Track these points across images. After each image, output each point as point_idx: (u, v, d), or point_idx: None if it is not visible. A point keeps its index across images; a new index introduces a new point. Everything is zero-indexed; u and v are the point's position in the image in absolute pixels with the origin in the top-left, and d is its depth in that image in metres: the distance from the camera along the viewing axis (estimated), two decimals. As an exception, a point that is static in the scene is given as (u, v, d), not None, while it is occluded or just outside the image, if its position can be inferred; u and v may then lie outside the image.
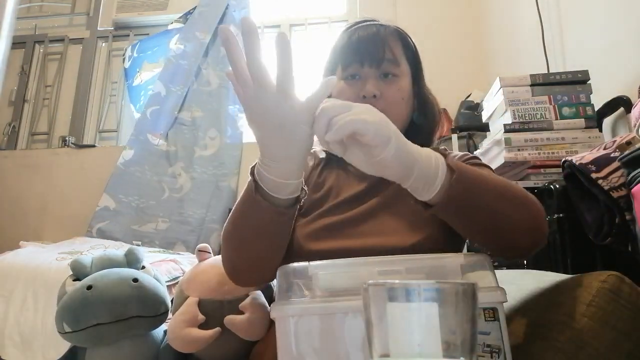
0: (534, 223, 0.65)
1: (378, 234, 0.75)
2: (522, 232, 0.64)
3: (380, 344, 0.35)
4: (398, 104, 0.84)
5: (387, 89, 0.83)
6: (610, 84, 1.31)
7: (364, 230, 0.76)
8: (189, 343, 0.80)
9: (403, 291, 0.35)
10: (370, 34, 0.84)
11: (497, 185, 0.63)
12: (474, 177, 0.60)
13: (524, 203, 0.64)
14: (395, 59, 0.84)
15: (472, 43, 2.56)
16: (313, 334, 0.53)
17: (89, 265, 0.93)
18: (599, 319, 0.54)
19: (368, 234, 0.76)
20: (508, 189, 0.64)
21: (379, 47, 0.82)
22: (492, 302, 0.53)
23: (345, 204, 0.81)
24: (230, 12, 2.77)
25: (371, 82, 0.83)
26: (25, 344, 1.52)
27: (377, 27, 0.85)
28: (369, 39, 0.83)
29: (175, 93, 2.58)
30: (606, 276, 0.56)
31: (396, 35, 0.87)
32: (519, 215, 0.63)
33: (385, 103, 0.82)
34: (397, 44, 0.86)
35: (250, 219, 0.68)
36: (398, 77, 0.84)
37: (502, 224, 0.63)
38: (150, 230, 2.35)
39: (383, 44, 0.83)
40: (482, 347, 0.51)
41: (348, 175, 0.87)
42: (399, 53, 0.86)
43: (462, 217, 0.63)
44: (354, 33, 0.86)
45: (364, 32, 0.85)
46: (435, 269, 0.57)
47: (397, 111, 0.84)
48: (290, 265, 0.58)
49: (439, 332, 0.34)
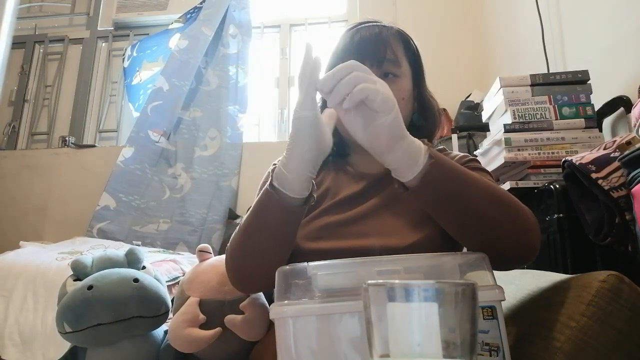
0: (522, 231, 0.64)
1: (376, 234, 0.75)
2: (509, 240, 0.64)
3: (380, 344, 0.35)
4: (397, 104, 0.85)
5: None
6: (610, 84, 1.31)
7: (362, 230, 0.76)
8: (190, 343, 0.80)
9: (403, 291, 0.35)
10: (373, 35, 0.84)
11: (481, 184, 0.64)
12: (452, 168, 0.62)
13: (515, 211, 0.64)
14: (397, 60, 0.84)
15: (472, 43, 2.56)
16: (312, 335, 0.53)
17: (89, 265, 0.93)
18: (598, 319, 0.54)
19: (366, 234, 0.76)
20: (496, 192, 0.64)
21: (380, 47, 0.83)
22: (490, 301, 0.53)
23: (343, 203, 0.81)
24: (230, 12, 2.77)
25: None
26: (25, 344, 1.52)
27: (380, 28, 0.86)
28: (371, 39, 0.84)
29: (179, 88, 2.57)
30: (606, 276, 0.56)
31: (398, 37, 0.87)
32: (505, 220, 0.63)
33: None
34: (399, 45, 0.86)
35: (262, 220, 0.69)
36: (398, 77, 0.84)
37: (487, 226, 0.62)
38: (151, 231, 2.35)
39: (385, 45, 0.83)
40: (481, 346, 0.51)
41: (346, 175, 0.87)
42: (401, 54, 0.86)
43: (440, 205, 0.64)
44: (357, 33, 0.86)
45: (366, 32, 0.85)
46: (433, 268, 0.57)
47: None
48: (289, 266, 0.58)
49: (439, 332, 0.34)
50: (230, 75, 2.68)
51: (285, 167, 0.64)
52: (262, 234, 0.69)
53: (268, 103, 2.84)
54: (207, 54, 2.71)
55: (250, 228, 0.70)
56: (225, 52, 2.71)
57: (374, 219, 0.78)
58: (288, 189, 0.64)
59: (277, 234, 0.69)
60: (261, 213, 0.68)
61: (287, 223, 0.68)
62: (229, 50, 2.72)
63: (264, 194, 0.67)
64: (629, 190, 0.84)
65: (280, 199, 0.65)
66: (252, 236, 0.70)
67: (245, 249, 0.72)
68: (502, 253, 0.63)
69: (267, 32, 2.95)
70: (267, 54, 2.91)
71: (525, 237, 0.65)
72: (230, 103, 2.64)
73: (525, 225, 0.65)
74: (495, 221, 0.63)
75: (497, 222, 0.63)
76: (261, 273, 0.72)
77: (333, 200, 0.82)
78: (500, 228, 0.63)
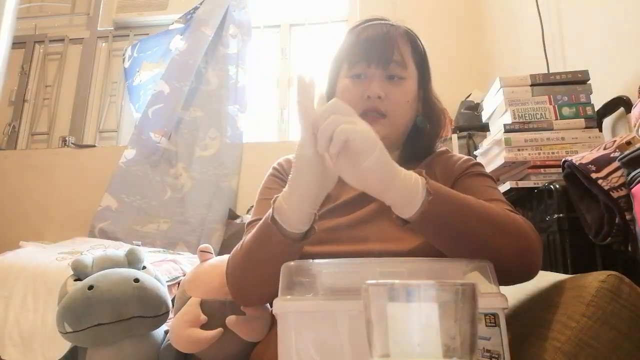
0: (524, 252, 0.64)
1: (376, 239, 0.75)
2: (510, 261, 0.63)
3: (380, 344, 0.35)
4: (402, 106, 0.84)
5: (392, 91, 0.82)
6: (610, 84, 1.31)
7: (362, 235, 0.76)
8: (191, 343, 0.80)
9: (403, 291, 0.35)
10: (380, 34, 0.82)
11: (481, 212, 0.63)
12: (451, 199, 0.61)
13: (515, 234, 0.64)
14: (403, 61, 0.83)
15: (472, 43, 2.55)
16: (314, 332, 0.53)
17: (90, 265, 0.93)
18: (598, 319, 0.54)
19: (366, 238, 0.75)
20: (495, 218, 0.64)
21: (387, 48, 0.81)
22: (493, 308, 0.53)
23: (343, 207, 0.80)
24: (230, 12, 2.76)
25: (377, 82, 0.82)
26: (25, 344, 1.52)
27: (387, 27, 0.84)
28: (378, 39, 0.82)
29: (180, 89, 2.56)
30: (606, 276, 0.56)
31: (406, 37, 0.86)
32: (506, 244, 0.63)
33: (389, 105, 0.82)
34: (406, 45, 0.85)
35: (262, 250, 0.69)
36: (404, 79, 0.83)
37: (488, 251, 0.62)
38: (152, 230, 2.34)
39: (392, 45, 0.82)
40: (482, 352, 0.51)
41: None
42: (407, 55, 0.84)
43: (439, 236, 0.63)
44: (363, 31, 0.84)
45: (373, 31, 0.83)
46: (437, 272, 0.57)
47: (401, 114, 0.84)
48: (294, 263, 0.59)
49: (438, 332, 0.34)
50: (230, 75, 2.68)
51: (286, 201, 0.63)
52: (261, 263, 0.70)
53: (268, 103, 2.84)
54: (207, 53, 2.70)
55: (251, 254, 0.71)
56: (225, 52, 2.71)
57: (373, 224, 0.77)
58: (288, 223, 0.63)
59: (276, 264, 0.67)
60: (261, 243, 0.68)
61: (287, 253, 0.67)
62: (228, 50, 2.72)
63: (265, 225, 0.66)
64: (629, 190, 0.84)
65: (280, 233, 0.64)
66: (252, 263, 0.71)
67: (245, 272, 0.73)
68: (504, 272, 0.63)
69: (267, 32, 2.94)
70: (267, 54, 2.91)
71: (526, 257, 0.65)
72: (231, 103, 2.64)
73: (526, 246, 0.64)
74: (496, 245, 0.62)
75: (498, 247, 0.62)
76: (260, 292, 0.74)
77: (333, 204, 0.81)
78: (501, 252, 0.62)
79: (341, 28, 2.80)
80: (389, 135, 0.83)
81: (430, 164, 0.88)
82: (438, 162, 0.88)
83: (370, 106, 0.82)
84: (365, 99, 0.82)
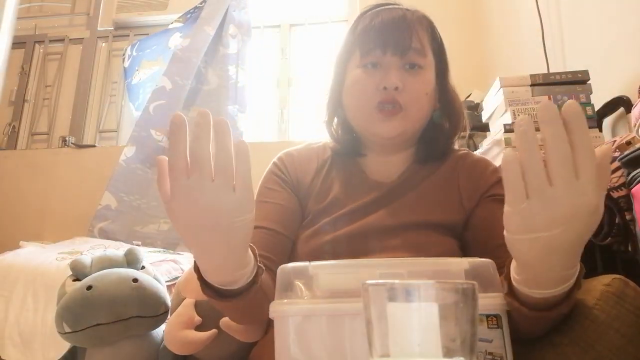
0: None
1: (385, 250, 0.71)
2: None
3: (380, 344, 0.35)
4: (421, 98, 0.76)
5: (410, 82, 0.75)
6: (610, 84, 1.31)
7: (370, 247, 0.72)
8: (185, 345, 0.79)
9: (403, 291, 0.35)
10: (396, 18, 0.75)
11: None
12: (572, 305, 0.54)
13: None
14: (422, 49, 0.75)
15: (472, 43, 2.55)
16: (311, 335, 0.52)
17: (88, 265, 0.93)
18: (602, 323, 0.53)
19: (375, 250, 0.72)
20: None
21: (405, 34, 0.74)
22: (495, 310, 0.52)
23: (351, 216, 0.75)
24: (230, 11, 2.76)
25: (394, 72, 0.74)
26: (25, 344, 1.52)
27: (404, 11, 0.76)
28: (394, 24, 0.74)
29: (182, 86, 2.55)
30: (610, 280, 0.55)
31: (424, 22, 0.79)
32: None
33: (407, 97, 0.75)
34: (425, 32, 0.78)
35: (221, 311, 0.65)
36: (423, 68, 0.76)
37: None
38: (152, 231, 2.34)
39: (410, 31, 0.74)
40: (485, 355, 0.50)
41: (355, 181, 0.82)
42: (426, 42, 0.77)
43: (536, 328, 0.57)
44: (377, 16, 0.76)
45: (388, 15, 0.75)
46: (438, 273, 0.56)
47: (419, 106, 0.77)
48: (290, 265, 0.58)
49: (438, 332, 0.34)
50: (230, 75, 2.68)
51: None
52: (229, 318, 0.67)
53: (268, 103, 2.84)
54: (207, 53, 2.70)
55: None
56: (225, 52, 2.71)
57: (382, 234, 0.73)
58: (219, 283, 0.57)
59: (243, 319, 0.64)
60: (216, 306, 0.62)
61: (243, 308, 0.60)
62: (228, 50, 2.71)
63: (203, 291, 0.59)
64: (629, 190, 0.84)
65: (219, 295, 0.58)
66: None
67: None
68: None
69: (267, 32, 2.94)
70: (267, 54, 2.91)
71: None
72: (230, 103, 2.63)
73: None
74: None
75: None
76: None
77: (340, 212, 0.76)
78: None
79: (341, 28, 2.80)
80: (407, 130, 0.77)
81: (454, 168, 0.82)
82: (462, 169, 0.82)
83: (387, 98, 0.75)
84: (380, 90, 0.74)
